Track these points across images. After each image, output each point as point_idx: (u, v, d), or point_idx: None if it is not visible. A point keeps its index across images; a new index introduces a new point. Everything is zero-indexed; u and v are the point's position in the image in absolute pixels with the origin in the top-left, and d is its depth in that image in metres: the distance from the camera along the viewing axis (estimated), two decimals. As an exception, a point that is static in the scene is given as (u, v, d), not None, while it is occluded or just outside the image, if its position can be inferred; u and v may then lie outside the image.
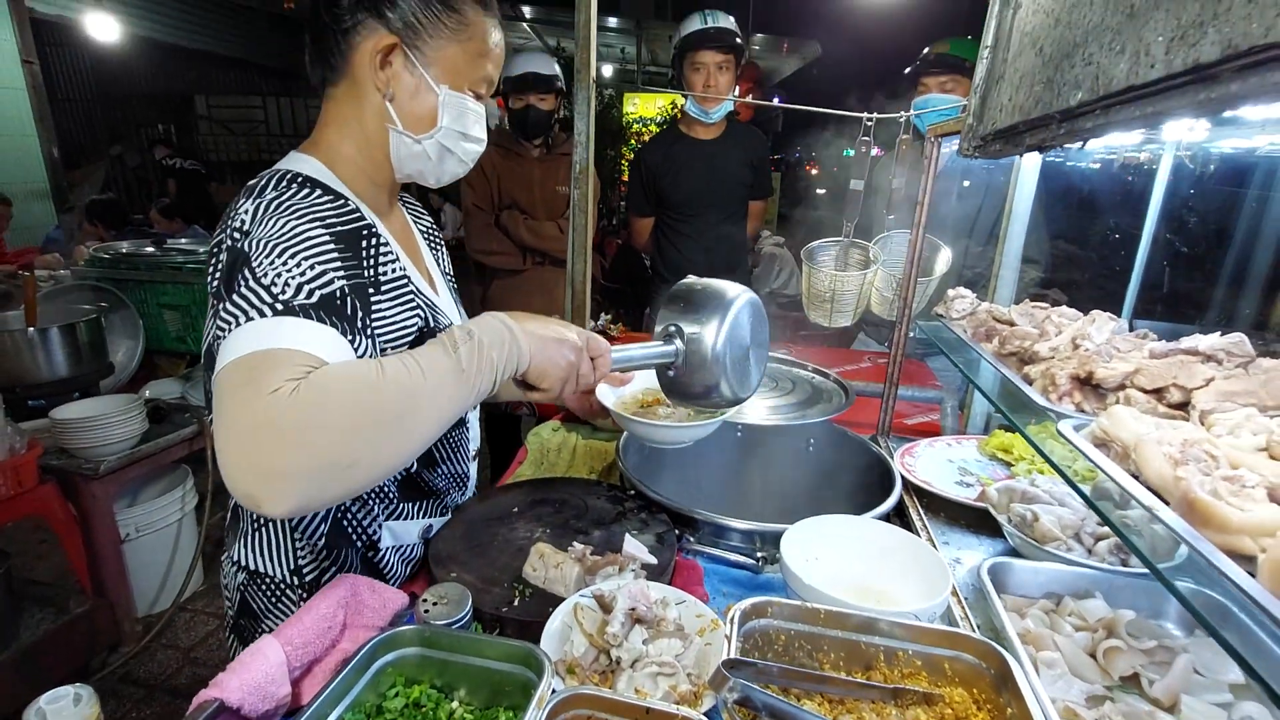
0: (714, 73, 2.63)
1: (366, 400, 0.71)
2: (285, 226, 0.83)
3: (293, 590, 1.03)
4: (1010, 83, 0.82)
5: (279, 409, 0.67)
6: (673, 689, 0.81)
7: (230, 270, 0.81)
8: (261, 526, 1.02)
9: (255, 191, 0.90)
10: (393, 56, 0.93)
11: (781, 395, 1.54)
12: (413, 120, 0.97)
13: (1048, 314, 1.21)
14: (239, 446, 0.67)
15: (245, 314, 0.75)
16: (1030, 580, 1.05)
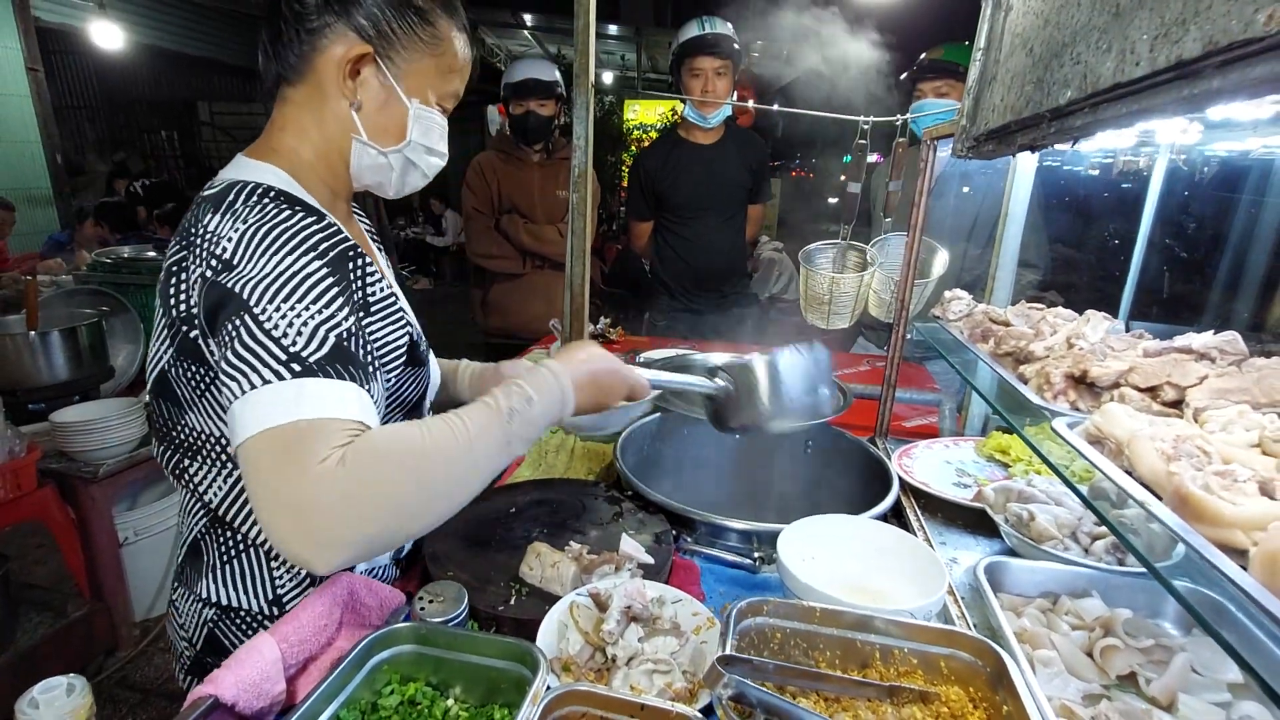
0: (711, 78, 2.65)
1: (414, 469, 0.72)
2: (281, 265, 0.77)
3: (271, 621, 0.95)
4: (1002, 83, 0.82)
5: (328, 483, 0.67)
6: (668, 686, 0.81)
7: (217, 308, 0.77)
8: (234, 558, 0.94)
9: (224, 208, 0.82)
10: (363, 66, 0.89)
11: None
12: (379, 132, 0.93)
13: (1043, 314, 1.21)
14: (290, 519, 0.68)
15: (258, 373, 0.72)
16: (1027, 579, 1.05)
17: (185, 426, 0.89)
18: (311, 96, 0.91)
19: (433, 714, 0.79)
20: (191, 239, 0.82)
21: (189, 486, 0.93)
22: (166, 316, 0.84)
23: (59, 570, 2.72)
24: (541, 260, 3.01)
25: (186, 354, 0.83)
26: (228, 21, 9.22)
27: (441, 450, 0.74)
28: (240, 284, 0.76)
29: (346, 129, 0.92)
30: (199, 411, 0.87)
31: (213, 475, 0.90)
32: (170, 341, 0.84)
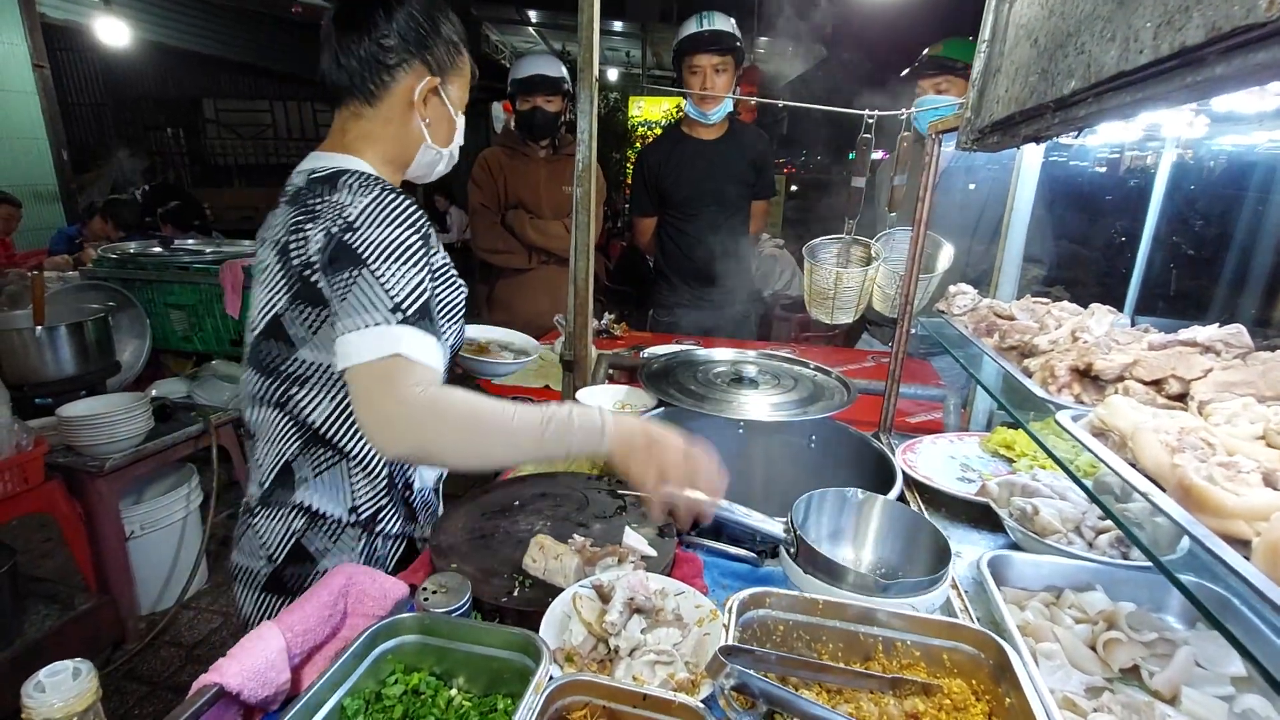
0: (711, 75, 2.64)
1: (469, 427, 0.94)
2: (395, 235, 0.99)
3: (350, 528, 1.15)
4: (1006, 75, 0.82)
5: (409, 407, 0.91)
6: (670, 677, 0.81)
7: (338, 256, 0.97)
8: (325, 472, 1.14)
9: (341, 186, 1.03)
10: (432, 93, 1.14)
11: (784, 393, 1.54)
12: (437, 138, 1.18)
13: (1048, 309, 1.21)
14: (381, 422, 0.92)
15: (369, 314, 0.93)
16: (1030, 573, 1.05)
17: (296, 360, 1.08)
18: (388, 113, 1.13)
19: (436, 704, 0.79)
20: (313, 207, 1.02)
21: (291, 413, 1.11)
22: (284, 269, 1.04)
23: (66, 563, 2.74)
24: (547, 255, 3.01)
25: (304, 298, 1.04)
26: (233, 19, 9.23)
27: (493, 424, 0.95)
28: (361, 245, 0.97)
29: (418, 139, 1.16)
30: (311, 346, 1.07)
31: (319, 398, 1.10)
32: (287, 289, 1.05)
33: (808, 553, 0.98)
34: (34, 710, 0.44)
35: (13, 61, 5.55)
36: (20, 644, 2.20)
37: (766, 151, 2.97)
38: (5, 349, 2.50)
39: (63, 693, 0.45)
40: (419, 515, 1.27)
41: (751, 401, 1.50)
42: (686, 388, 1.57)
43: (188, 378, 3.13)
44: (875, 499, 1.15)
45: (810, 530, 1.11)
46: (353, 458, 1.13)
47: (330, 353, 1.02)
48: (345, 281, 0.95)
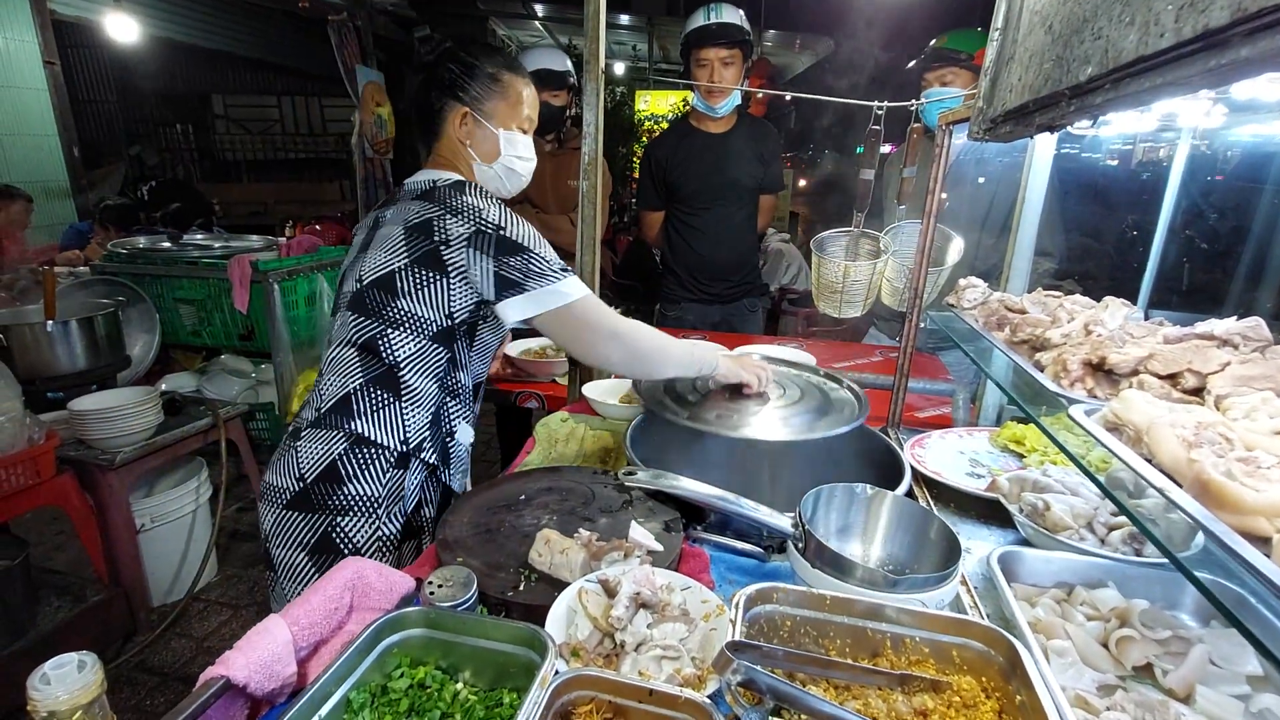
0: (719, 68, 2.62)
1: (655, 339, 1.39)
2: (529, 229, 1.32)
3: (389, 457, 1.32)
4: (1020, 62, 0.80)
5: (624, 326, 1.36)
6: (677, 672, 0.81)
7: (503, 246, 1.27)
8: (385, 406, 1.32)
9: (468, 192, 1.32)
10: (468, 120, 1.39)
11: (790, 404, 1.48)
12: (485, 155, 1.43)
13: (1060, 302, 1.19)
14: (608, 337, 1.34)
15: (549, 277, 1.29)
16: (1041, 569, 1.04)
17: (396, 308, 1.30)
18: (448, 145, 1.42)
19: (442, 697, 0.79)
20: (453, 205, 1.29)
21: (375, 351, 1.31)
22: (415, 240, 1.29)
23: (78, 556, 2.77)
24: (553, 249, 3.00)
25: (425, 264, 1.28)
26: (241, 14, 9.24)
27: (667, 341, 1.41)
28: (517, 236, 1.29)
29: (469, 160, 1.43)
30: (412, 299, 1.29)
31: (408, 340, 1.31)
32: (409, 254, 1.29)
33: (816, 547, 0.97)
34: (39, 703, 0.44)
35: (23, 58, 5.58)
36: (33, 635, 2.23)
37: (775, 145, 2.95)
38: (17, 343, 2.52)
39: (68, 685, 0.44)
40: (451, 461, 1.43)
41: (756, 416, 1.43)
42: (684, 398, 1.50)
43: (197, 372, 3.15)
44: (884, 494, 1.14)
45: (818, 526, 1.10)
46: (408, 397, 1.32)
47: (424, 305, 1.29)
48: (521, 262, 1.27)
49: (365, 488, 1.30)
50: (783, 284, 5.49)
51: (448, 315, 1.30)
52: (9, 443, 2.13)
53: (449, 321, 1.31)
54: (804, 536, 1.01)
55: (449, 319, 1.31)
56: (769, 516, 1.08)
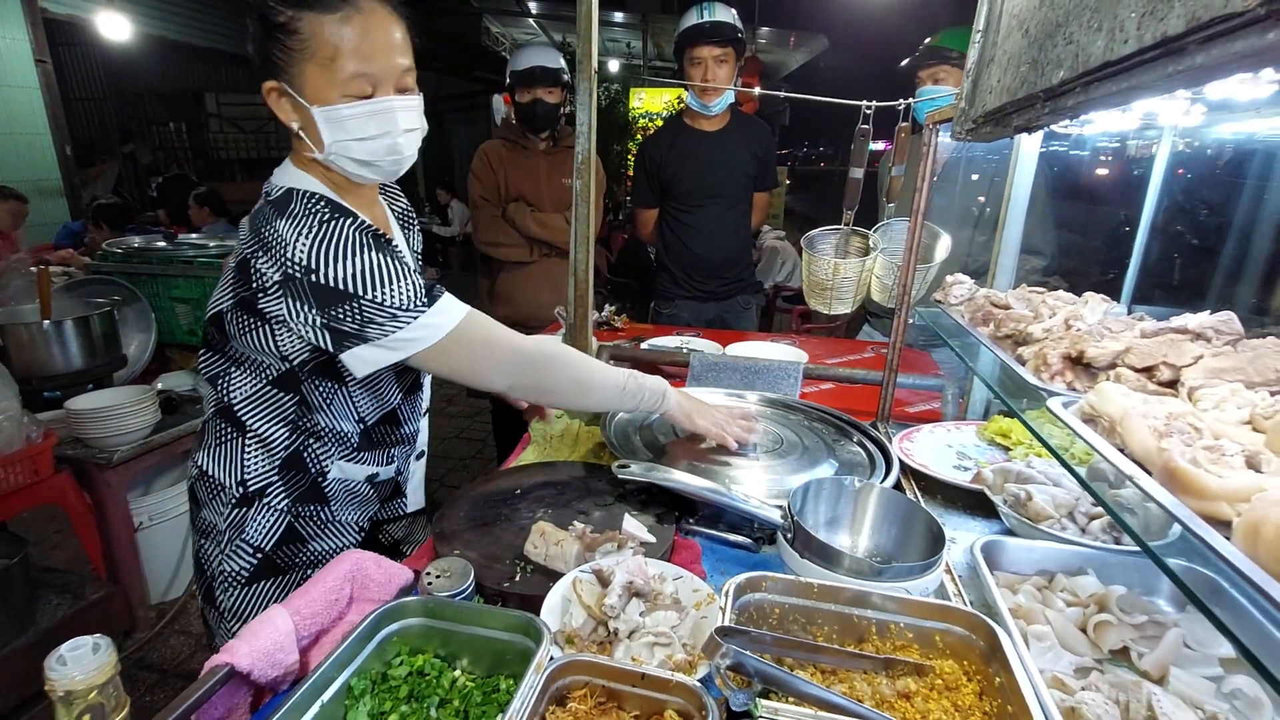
0: (712, 66, 2.64)
1: (569, 364, 1.23)
2: (357, 266, 1.02)
3: (228, 495, 1.20)
4: (999, 65, 0.83)
5: (528, 345, 1.17)
6: (668, 658, 0.83)
7: (320, 297, 1.01)
8: (224, 443, 1.20)
9: (286, 215, 1.04)
10: (280, 96, 1.06)
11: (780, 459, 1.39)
12: (315, 142, 1.07)
13: (1043, 298, 1.22)
14: (516, 356, 1.16)
15: (402, 319, 1.04)
16: (1024, 558, 1.07)
17: (231, 347, 1.16)
18: (287, 130, 1.11)
19: (441, 684, 0.81)
20: (265, 237, 1.04)
21: (218, 388, 1.19)
22: (237, 284, 1.09)
23: (77, 554, 2.78)
24: (549, 248, 3.02)
25: (245, 309, 1.08)
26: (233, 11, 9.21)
27: (592, 369, 1.25)
28: (337, 281, 1.01)
29: (306, 147, 1.09)
30: (240, 341, 1.12)
31: (246, 381, 1.16)
32: (232, 294, 1.10)
33: (804, 537, 1.00)
34: (56, 682, 0.46)
35: (15, 57, 5.56)
36: (34, 633, 2.24)
37: (769, 143, 2.97)
38: (13, 342, 2.52)
39: (83, 666, 0.47)
40: (331, 498, 1.26)
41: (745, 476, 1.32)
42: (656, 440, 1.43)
43: (193, 371, 3.15)
44: (872, 486, 1.16)
45: (808, 518, 1.13)
46: (251, 437, 1.18)
47: (257, 348, 1.11)
48: (351, 311, 1.02)
49: (213, 517, 1.22)
50: (777, 281, 5.52)
51: (282, 359, 1.11)
52: (7, 442, 2.14)
53: (286, 365, 1.11)
54: (793, 527, 1.03)
55: (285, 362, 1.11)
56: (759, 508, 1.10)
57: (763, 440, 1.42)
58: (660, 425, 1.51)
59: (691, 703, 0.73)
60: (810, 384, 2.00)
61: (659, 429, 1.50)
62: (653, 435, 1.48)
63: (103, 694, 0.48)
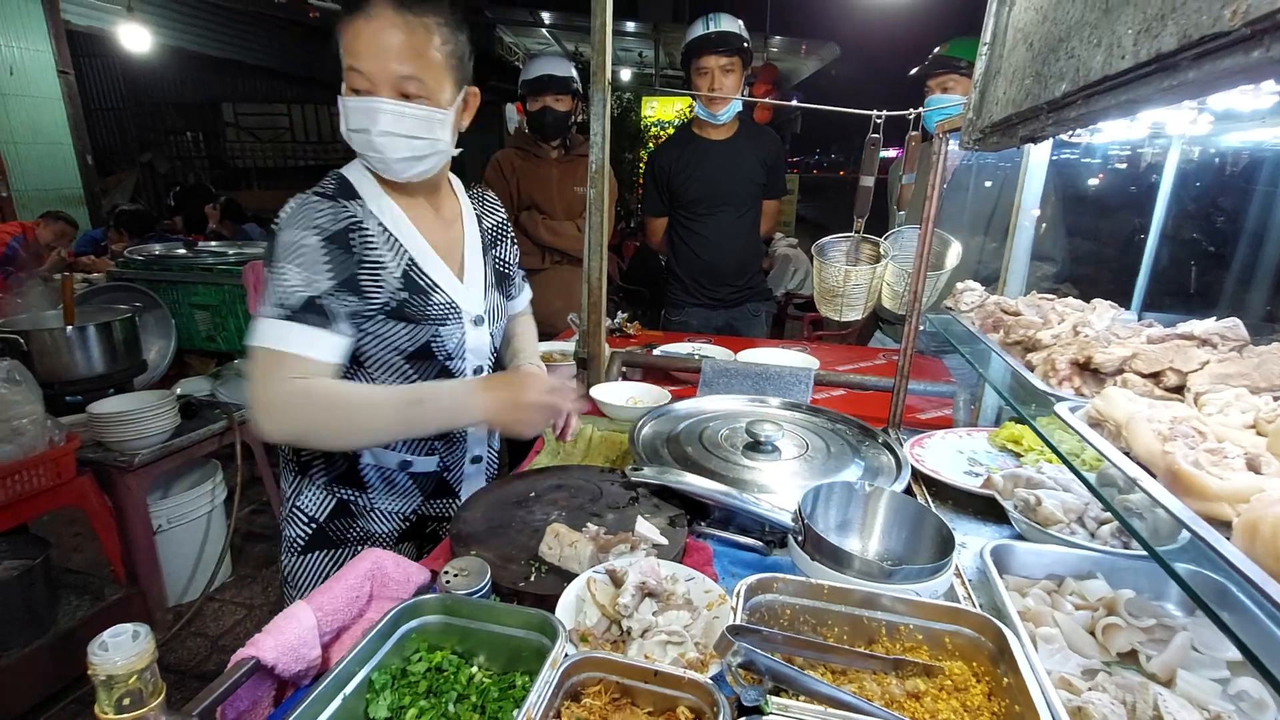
0: (718, 76, 2.67)
1: (333, 413, 1.11)
2: (298, 237, 1.11)
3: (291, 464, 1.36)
4: (1005, 77, 0.85)
5: (285, 397, 1.07)
6: (680, 656, 0.85)
7: (269, 253, 1.13)
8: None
9: (324, 184, 1.21)
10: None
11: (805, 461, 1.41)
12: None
13: (1053, 304, 1.23)
14: (260, 407, 1.08)
15: (264, 306, 1.09)
16: (1033, 562, 1.08)
17: None
18: None
19: (459, 680, 0.83)
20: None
21: None
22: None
23: (96, 556, 2.83)
24: (560, 256, 3.06)
25: None
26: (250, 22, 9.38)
27: (356, 409, 1.12)
28: (276, 245, 1.12)
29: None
30: None
31: None
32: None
33: (815, 540, 1.01)
34: (99, 667, 0.48)
35: (38, 68, 5.69)
36: (54, 633, 2.29)
37: (778, 151, 3.00)
38: (37, 348, 2.59)
39: (124, 652, 0.49)
40: (369, 486, 1.35)
41: (772, 481, 1.33)
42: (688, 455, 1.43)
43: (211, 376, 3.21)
44: (882, 491, 1.18)
45: (818, 521, 1.14)
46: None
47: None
48: (269, 276, 1.11)
49: (284, 484, 1.38)
50: (789, 288, 5.53)
51: None
52: (31, 445, 2.19)
53: None
54: (803, 530, 1.05)
55: None
56: (769, 511, 1.12)
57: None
58: (688, 436, 1.51)
59: (703, 699, 0.75)
60: (821, 390, 2.02)
61: (686, 440, 1.50)
62: (681, 448, 1.46)
63: (141, 679, 0.50)
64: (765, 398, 1.77)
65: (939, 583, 0.98)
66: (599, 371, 1.99)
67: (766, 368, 1.95)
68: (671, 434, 1.53)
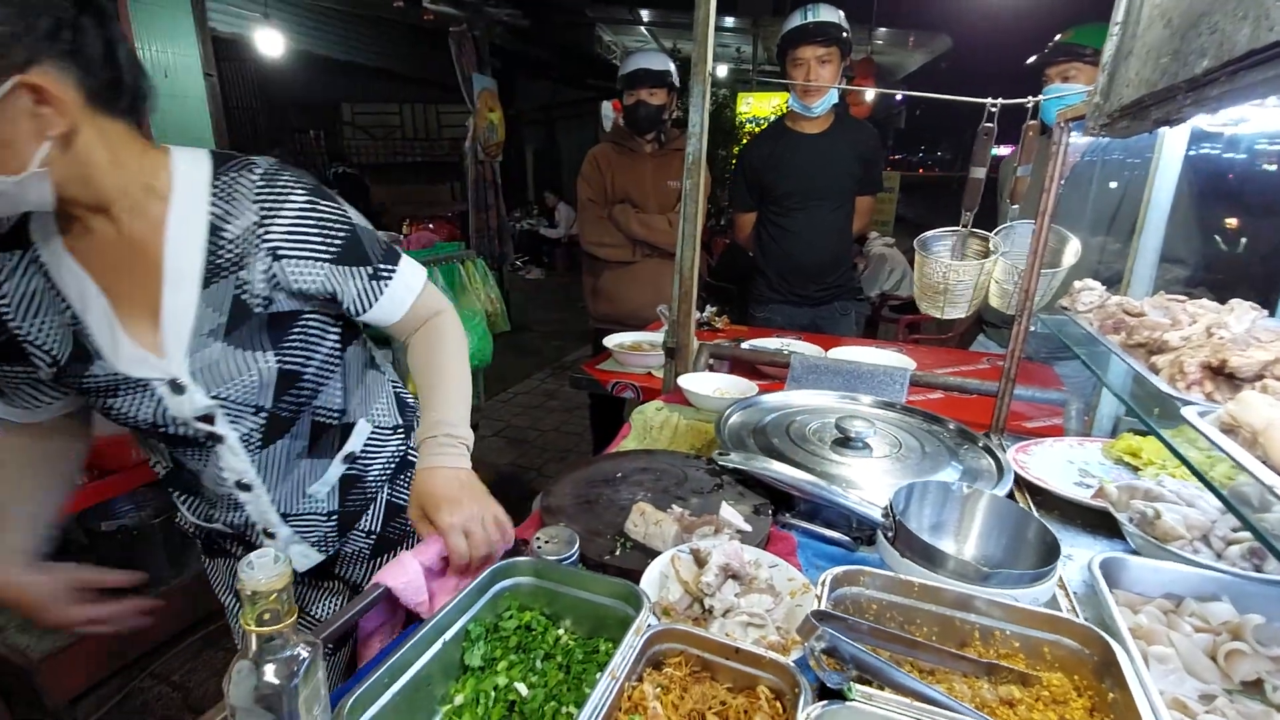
0: (814, 67, 2.62)
1: None
2: None
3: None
4: (1138, 57, 0.80)
5: None
6: (762, 639, 0.86)
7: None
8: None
9: None
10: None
11: (898, 462, 1.37)
12: None
13: (1183, 305, 1.14)
14: None
15: None
16: (1148, 578, 1.00)
17: None
18: None
19: (546, 639, 0.87)
20: None
21: None
22: None
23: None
24: (650, 249, 3.10)
25: None
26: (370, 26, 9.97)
27: None
28: None
29: None
30: None
31: None
32: None
33: (906, 537, 0.99)
34: (246, 582, 0.55)
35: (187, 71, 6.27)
36: (188, 574, 2.56)
37: (875, 146, 2.91)
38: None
39: (267, 572, 0.56)
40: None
41: (862, 478, 1.30)
42: (774, 446, 1.41)
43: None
44: (981, 493, 1.13)
45: (910, 520, 1.11)
46: None
47: None
48: None
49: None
50: (884, 289, 5.34)
51: None
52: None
53: None
54: (894, 526, 1.02)
55: None
56: (859, 505, 1.10)
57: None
58: (775, 428, 1.50)
59: (785, 681, 0.75)
60: (917, 392, 1.94)
61: (773, 432, 1.49)
62: (767, 439, 1.45)
63: (279, 599, 0.57)
64: (856, 395, 1.72)
65: (1040, 590, 0.93)
66: (687, 361, 2.01)
67: (859, 365, 1.91)
68: (758, 425, 1.52)
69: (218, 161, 0.99)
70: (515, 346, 6.73)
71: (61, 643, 2.22)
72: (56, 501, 1.13)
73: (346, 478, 1.21)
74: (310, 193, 1.01)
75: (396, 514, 1.32)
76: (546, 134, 14.29)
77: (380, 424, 1.26)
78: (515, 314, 6.11)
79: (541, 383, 6.03)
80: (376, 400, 1.27)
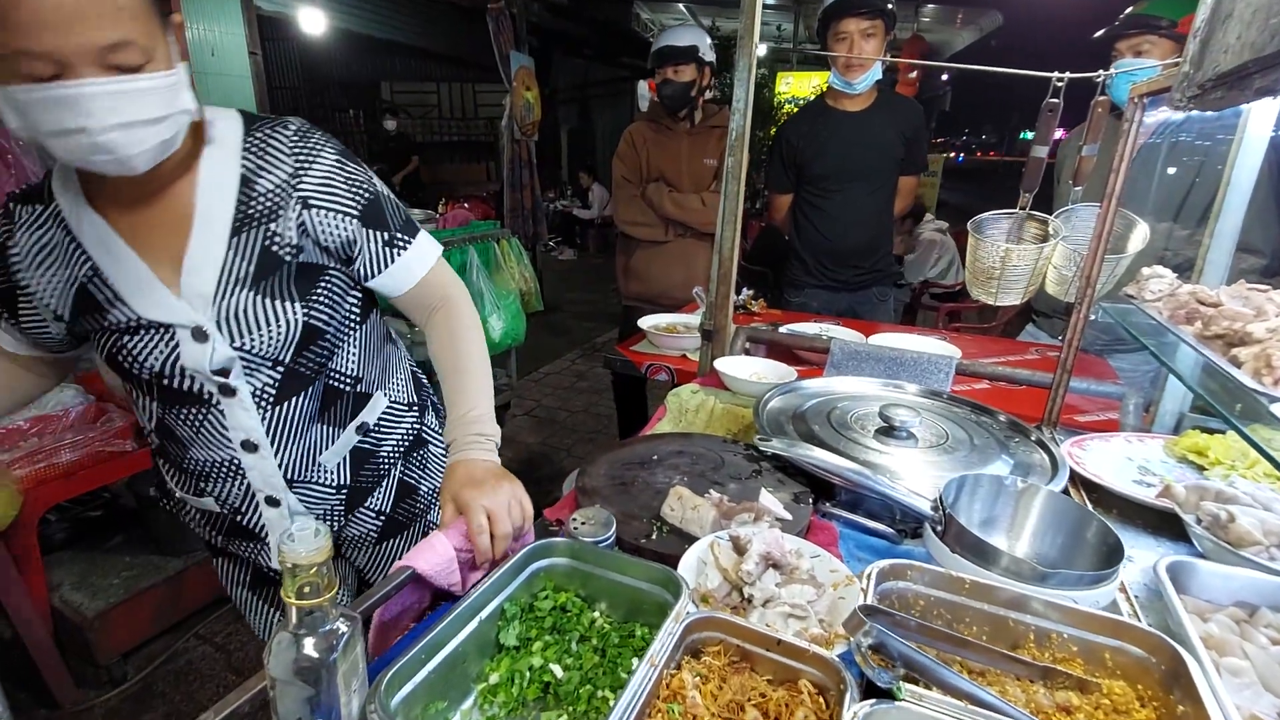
0: (858, 41, 2.51)
1: None
2: None
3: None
4: (1240, 19, 0.72)
5: None
6: (804, 631, 0.82)
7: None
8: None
9: None
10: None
11: (945, 454, 1.30)
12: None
13: (1268, 294, 1.06)
14: None
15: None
16: (1219, 585, 0.94)
17: None
18: None
19: (581, 621, 0.85)
20: None
21: None
22: None
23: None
24: (683, 229, 3.04)
25: None
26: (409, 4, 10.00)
27: None
28: None
29: None
30: None
31: None
32: None
33: (958, 531, 0.94)
34: (287, 555, 0.54)
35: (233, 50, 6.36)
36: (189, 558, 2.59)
37: (919, 123, 2.79)
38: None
39: (308, 545, 0.54)
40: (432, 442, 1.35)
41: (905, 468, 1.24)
42: (815, 433, 1.36)
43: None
44: (1037, 489, 1.07)
45: (960, 513, 1.06)
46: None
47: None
48: None
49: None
50: (928, 276, 5.19)
51: None
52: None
53: None
54: (944, 520, 0.98)
55: None
56: (906, 496, 1.06)
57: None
58: (815, 414, 1.46)
59: (830, 676, 0.72)
60: (962, 381, 1.88)
61: (813, 418, 1.44)
62: (807, 426, 1.40)
63: (319, 573, 0.55)
64: (900, 383, 1.66)
65: (1101, 593, 0.88)
66: (724, 344, 1.96)
67: (902, 353, 1.84)
68: (798, 410, 1.48)
69: (249, 119, 1.02)
70: (547, 326, 6.74)
71: (115, 599, 2.30)
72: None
73: (359, 450, 1.20)
74: (340, 153, 1.07)
75: (407, 495, 1.31)
76: (581, 113, 14.19)
77: (396, 399, 1.27)
78: (548, 294, 6.11)
79: (572, 363, 6.03)
80: (395, 375, 1.28)
